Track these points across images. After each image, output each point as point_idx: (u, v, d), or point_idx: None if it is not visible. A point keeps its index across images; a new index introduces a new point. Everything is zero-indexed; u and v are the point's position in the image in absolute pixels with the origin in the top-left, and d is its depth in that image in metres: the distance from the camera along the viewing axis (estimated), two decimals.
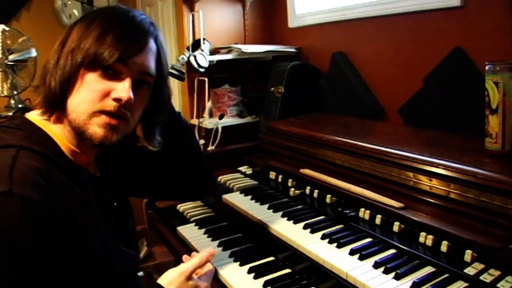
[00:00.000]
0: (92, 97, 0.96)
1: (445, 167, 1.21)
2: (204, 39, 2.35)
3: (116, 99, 0.97)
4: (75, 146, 1.01)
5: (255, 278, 1.28)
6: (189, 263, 1.13)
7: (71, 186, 0.94)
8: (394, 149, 1.38)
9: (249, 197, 1.67)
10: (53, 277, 0.85)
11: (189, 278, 1.10)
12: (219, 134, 2.35)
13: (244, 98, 2.57)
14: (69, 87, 0.97)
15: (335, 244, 1.23)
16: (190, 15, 2.43)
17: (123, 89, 0.97)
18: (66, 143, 1.00)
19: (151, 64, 1.03)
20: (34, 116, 1.00)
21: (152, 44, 1.03)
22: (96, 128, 0.97)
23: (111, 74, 0.98)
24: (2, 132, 0.95)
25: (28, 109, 1.04)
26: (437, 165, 1.23)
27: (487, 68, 1.21)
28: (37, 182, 0.85)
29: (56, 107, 0.98)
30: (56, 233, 0.86)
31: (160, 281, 1.07)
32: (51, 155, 0.93)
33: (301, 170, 1.68)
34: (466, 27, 1.53)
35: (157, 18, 2.96)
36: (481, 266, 1.02)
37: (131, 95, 0.98)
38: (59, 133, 1.00)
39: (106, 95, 0.97)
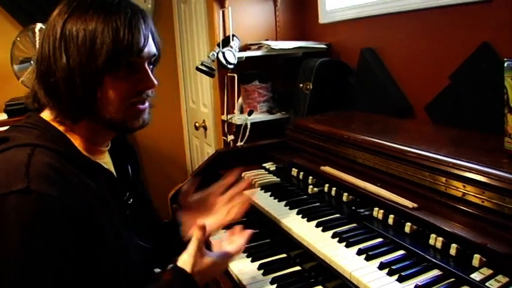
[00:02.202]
0: (122, 96, 1.01)
1: (460, 167, 1.17)
2: (233, 35, 2.37)
3: (144, 89, 1.04)
4: (89, 140, 1.05)
5: (264, 274, 1.29)
6: (191, 244, 1.09)
7: (86, 182, 0.97)
8: (411, 148, 1.34)
9: (269, 193, 1.67)
10: (67, 271, 0.88)
11: (202, 254, 1.08)
12: (248, 130, 2.37)
13: (275, 94, 2.57)
14: (96, 94, 0.99)
15: (344, 243, 1.21)
16: (221, 12, 2.45)
17: (147, 79, 1.04)
18: (80, 139, 1.04)
19: (153, 45, 1.06)
20: (49, 115, 1.03)
21: (148, 27, 1.04)
22: (134, 120, 1.05)
23: (131, 68, 1.01)
24: (18, 131, 0.99)
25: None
26: (452, 165, 1.19)
27: (505, 64, 1.15)
28: (53, 177, 0.88)
29: (83, 115, 1.01)
30: (74, 226, 0.89)
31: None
32: (65, 151, 0.96)
33: (321, 168, 1.66)
34: (494, 22, 1.47)
35: (191, 15, 3.00)
36: (488, 272, 0.97)
37: (155, 81, 1.05)
38: (73, 130, 1.03)
39: (133, 88, 1.02)
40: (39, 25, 2.58)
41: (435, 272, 1.04)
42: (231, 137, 2.53)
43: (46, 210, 0.85)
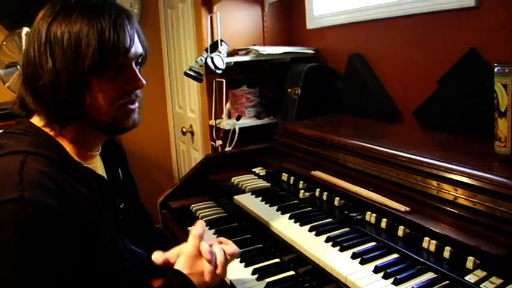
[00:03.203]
0: (111, 96, 1.00)
1: (452, 171, 1.19)
2: (221, 40, 2.37)
3: (133, 90, 1.03)
4: (80, 146, 1.04)
5: (258, 279, 1.28)
6: (188, 246, 1.11)
7: (78, 188, 0.96)
8: (402, 152, 1.35)
9: (260, 198, 1.67)
10: (64, 278, 0.87)
11: (198, 258, 1.09)
12: (236, 135, 2.37)
13: (262, 99, 2.57)
14: (84, 97, 0.98)
15: (338, 247, 1.22)
16: (209, 17, 2.46)
17: (136, 79, 1.03)
18: (72, 144, 1.03)
19: (140, 45, 1.06)
20: (39, 121, 1.02)
21: (133, 27, 1.03)
22: (124, 120, 1.04)
23: (119, 69, 1.00)
24: (9, 138, 0.97)
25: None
26: (444, 169, 1.21)
27: (495, 70, 1.18)
28: (46, 185, 0.87)
29: (71, 119, 1.00)
30: (67, 234, 0.88)
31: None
32: (57, 158, 0.95)
33: (312, 172, 1.67)
34: (481, 28, 1.50)
35: (178, 20, 3.00)
36: (483, 274, 0.99)
37: (143, 80, 1.04)
38: (64, 136, 1.02)
39: (121, 89, 1.01)
40: (25, 29, 2.55)
41: (430, 275, 1.05)
42: (219, 142, 2.53)
43: (40, 217, 0.84)
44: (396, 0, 1.86)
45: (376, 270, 1.08)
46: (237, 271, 1.34)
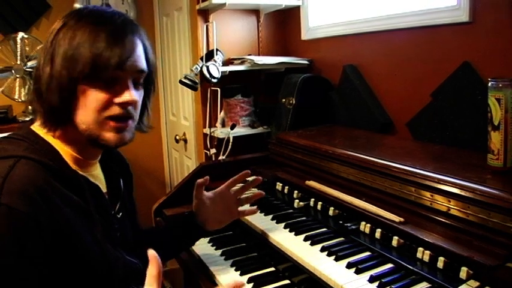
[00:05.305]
0: (97, 107, 0.99)
1: (445, 182, 1.21)
2: (217, 49, 2.39)
3: (122, 104, 1.00)
4: (78, 152, 1.05)
5: None
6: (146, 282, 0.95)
7: (68, 196, 0.96)
8: (396, 163, 1.37)
9: (254, 207, 1.68)
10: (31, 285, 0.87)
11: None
12: (230, 144, 2.38)
13: (256, 109, 2.59)
14: (71, 103, 0.99)
15: (333, 257, 1.23)
16: (205, 26, 2.48)
17: (126, 93, 1.01)
18: (69, 152, 1.03)
19: (143, 61, 1.05)
20: (39, 127, 1.03)
21: (138, 41, 1.04)
22: (108, 134, 1.01)
23: (110, 81, 1.00)
24: (7, 143, 0.99)
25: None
26: (438, 181, 1.23)
27: (489, 84, 1.21)
28: (27, 192, 0.88)
29: (61, 124, 1.01)
30: (38, 243, 0.88)
31: None
32: (50, 164, 0.96)
33: (307, 182, 1.69)
34: (474, 43, 1.53)
35: (173, 28, 3.01)
36: (476, 284, 1.01)
37: (135, 97, 1.02)
38: (61, 143, 1.03)
39: (110, 102, 1.00)
40: (20, 34, 2.54)
41: (424, 285, 1.06)
42: (213, 151, 2.53)
43: (12, 225, 0.85)
44: (390, 14, 1.89)
45: (372, 279, 1.10)
46: (231, 279, 1.35)
